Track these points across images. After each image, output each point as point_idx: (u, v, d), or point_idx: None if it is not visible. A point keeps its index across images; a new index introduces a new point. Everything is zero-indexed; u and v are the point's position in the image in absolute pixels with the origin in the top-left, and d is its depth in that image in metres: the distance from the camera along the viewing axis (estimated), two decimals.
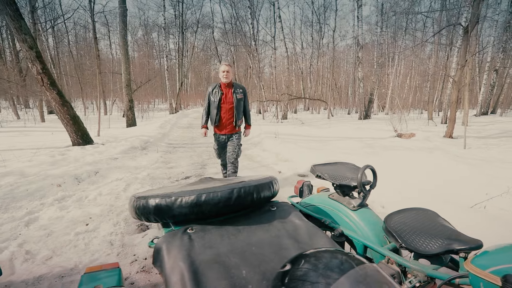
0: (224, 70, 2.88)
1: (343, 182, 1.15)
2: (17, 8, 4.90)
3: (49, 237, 2.08)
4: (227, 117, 3.00)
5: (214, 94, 2.95)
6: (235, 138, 3.09)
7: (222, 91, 2.95)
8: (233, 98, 2.95)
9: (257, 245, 0.76)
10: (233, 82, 2.99)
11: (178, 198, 0.79)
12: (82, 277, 0.75)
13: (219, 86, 2.96)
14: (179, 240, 0.73)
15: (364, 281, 0.41)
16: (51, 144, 5.82)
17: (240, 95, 2.98)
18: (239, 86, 3.02)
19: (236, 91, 2.97)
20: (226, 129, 3.04)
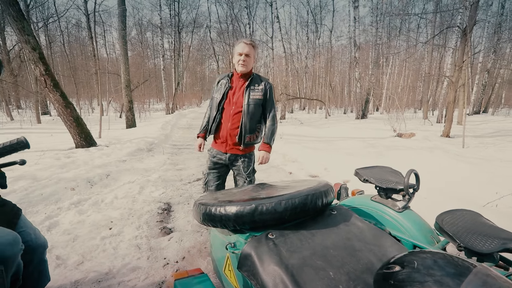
0: (242, 51, 1.74)
1: (389, 186, 1.20)
2: (20, 9, 4.83)
3: (75, 242, 2.09)
4: (230, 126, 1.83)
5: (219, 86, 1.91)
6: (242, 166, 1.90)
7: (231, 84, 1.86)
8: (244, 98, 1.80)
9: (333, 248, 0.80)
10: (254, 74, 1.88)
11: (259, 205, 0.83)
12: (176, 284, 0.78)
13: (229, 76, 1.90)
14: (265, 245, 0.76)
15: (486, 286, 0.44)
16: (53, 146, 5.74)
17: (258, 95, 1.81)
18: (260, 80, 1.87)
19: (254, 87, 1.83)
20: (227, 145, 1.88)
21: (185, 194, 3.20)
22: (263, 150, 1.89)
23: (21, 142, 0.74)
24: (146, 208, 2.76)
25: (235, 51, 1.83)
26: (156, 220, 2.52)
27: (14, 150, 0.74)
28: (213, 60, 29.35)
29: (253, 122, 1.85)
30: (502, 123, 11.83)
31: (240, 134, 1.83)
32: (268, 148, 1.89)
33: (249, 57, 1.78)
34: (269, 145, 1.89)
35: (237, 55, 1.80)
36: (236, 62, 1.83)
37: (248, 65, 1.80)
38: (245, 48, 1.76)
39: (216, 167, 1.98)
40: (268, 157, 1.90)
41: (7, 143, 0.73)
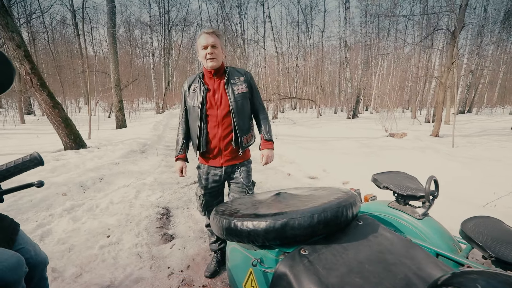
0: (206, 43, 1.46)
1: (409, 193, 1.18)
2: (3, 4, 4.58)
3: (72, 252, 1.98)
4: (221, 132, 1.55)
5: (193, 92, 1.57)
6: (242, 176, 1.62)
7: (207, 86, 1.56)
8: (229, 95, 1.53)
9: (368, 262, 0.77)
10: (227, 67, 1.60)
11: (291, 220, 0.78)
12: None
13: (200, 78, 1.58)
14: (301, 264, 0.72)
15: None
16: (40, 148, 5.49)
17: (241, 88, 1.56)
18: (238, 72, 1.61)
19: (234, 80, 1.56)
20: (222, 156, 1.59)
21: (183, 197, 3.11)
22: (266, 148, 1.63)
23: (35, 159, 0.66)
24: (144, 213, 2.67)
25: (198, 46, 1.52)
26: (155, 226, 2.43)
27: (27, 168, 0.66)
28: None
29: (245, 120, 1.59)
30: (486, 122, 12.26)
31: (236, 138, 1.55)
32: (270, 144, 1.64)
33: (216, 48, 1.48)
34: (271, 141, 1.65)
35: (201, 50, 1.49)
36: (202, 58, 1.51)
37: (218, 58, 1.50)
38: (208, 39, 1.46)
39: (212, 186, 1.67)
40: (272, 155, 1.65)
41: (19, 161, 0.65)
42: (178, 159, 1.66)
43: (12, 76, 0.60)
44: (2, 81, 0.59)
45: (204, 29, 1.52)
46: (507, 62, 19.28)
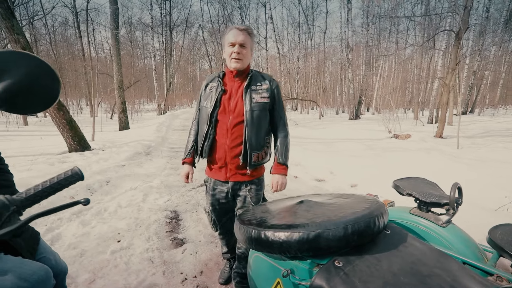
0: (234, 41, 1.30)
1: (433, 200, 1.17)
2: (9, 6, 4.58)
3: (84, 257, 1.96)
4: (229, 143, 1.37)
5: (209, 91, 1.43)
6: (250, 195, 1.45)
7: (225, 87, 1.40)
8: (245, 103, 1.35)
9: (402, 274, 0.75)
10: (253, 70, 1.42)
11: (325, 231, 0.77)
12: None
13: (220, 77, 1.42)
14: (337, 276, 0.70)
15: None
16: (45, 150, 5.49)
17: (262, 97, 1.37)
18: (262, 78, 1.42)
19: (255, 87, 1.38)
20: (227, 170, 1.42)
21: (191, 201, 3.10)
22: (278, 174, 1.41)
23: (76, 174, 0.65)
24: (153, 217, 2.65)
25: (225, 41, 1.35)
26: (165, 231, 2.41)
27: (69, 184, 0.65)
28: (204, 60, 29.10)
29: (260, 135, 1.37)
30: (488, 123, 12.23)
31: (244, 153, 1.35)
32: (284, 170, 1.42)
33: (244, 48, 1.31)
34: (285, 165, 1.43)
35: (228, 47, 1.32)
36: (227, 56, 1.33)
37: (244, 60, 1.33)
38: (238, 36, 1.29)
39: (220, 202, 1.51)
40: (285, 182, 1.44)
41: (61, 176, 0.64)
42: (185, 163, 1.51)
43: (58, 91, 0.59)
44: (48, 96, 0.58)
45: (236, 24, 1.40)
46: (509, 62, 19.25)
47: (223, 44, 1.40)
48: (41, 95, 0.57)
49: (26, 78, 0.54)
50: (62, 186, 0.65)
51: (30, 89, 0.55)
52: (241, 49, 1.31)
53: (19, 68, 0.53)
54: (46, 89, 0.57)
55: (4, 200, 0.54)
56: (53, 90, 0.58)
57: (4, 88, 0.52)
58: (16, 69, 0.53)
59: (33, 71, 0.54)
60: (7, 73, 0.52)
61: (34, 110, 0.59)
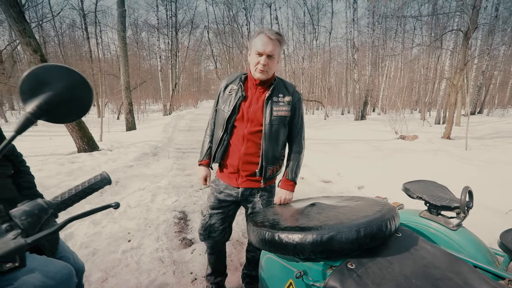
0: (263, 50, 1.21)
1: (443, 203, 1.17)
2: (21, 10, 4.69)
3: (96, 256, 2.01)
4: (244, 151, 1.34)
5: (228, 94, 1.37)
6: (261, 202, 1.41)
7: (246, 93, 1.34)
8: (265, 114, 1.30)
9: (414, 277, 0.76)
10: (276, 78, 1.37)
11: (338, 234, 0.79)
12: None
13: (242, 80, 1.35)
14: (350, 278, 0.72)
15: None
16: (54, 151, 5.59)
17: (283, 110, 1.32)
18: (286, 89, 1.36)
19: (277, 98, 1.32)
20: (239, 176, 1.39)
21: (199, 201, 3.13)
22: (286, 190, 1.38)
23: (105, 178, 0.68)
24: (162, 217, 2.69)
25: (252, 46, 1.25)
26: (174, 231, 2.45)
27: (99, 188, 0.68)
28: (209, 61, 29.24)
29: (276, 149, 1.34)
30: (498, 124, 12.04)
31: (260, 166, 1.32)
32: (292, 186, 1.39)
33: (272, 60, 1.23)
34: (294, 182, 1.40)
35: (255, 55, 1.23)
36: (253, 64, 1.25)
37: (270, 71, 1.26)
38: (268, 46, 1.19)
39: (223, 206, 1.43)
40: (291, 198, 1.40)
41: (91, 181, 0.67)
42: (201, 165, 1.47)
43: (91, 100, 0.62)
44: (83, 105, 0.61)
45: (266, 30, 1.23)
46: None
47: (249, 46, 1.31)
48: (77, 105, 0.60)
49: (65, 90, 0.57)
50: (93, 190, 0.68)
51: (68, 100, 0.58)
52: (268, 60, 1.23)
53: (58, 81, 0.56)
54: (82, 99, 0.60)
55: (43, 204, 0.57)
56: (88, 100, 0.61)
57: (45, 100, 0.55)
58: (56, 82, 0.56)
59: (71, 84, 0.58)
60: (48, 86, 0.56)
61: (70, 119, 0.62)
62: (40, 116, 0.56)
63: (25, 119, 0.53)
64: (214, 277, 1.61)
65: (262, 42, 1.21)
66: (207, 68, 37.28)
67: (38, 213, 0.56)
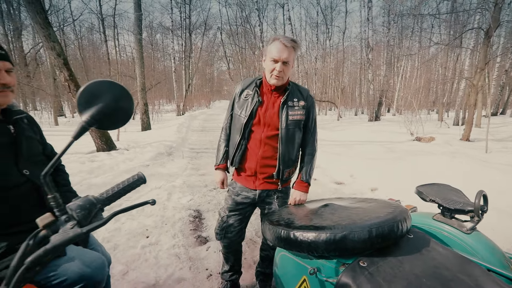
0: (279, 57, 1.25)
1: (457, 207, 1.18)
2: (46, 17, 4.95)
3: (116, 250, 2.12)
4: (261, 154, 1.39)
5: (244, 99, 1.41)
6: (277, 203, 1.47)
7: (262, 98, 1.38)
8: (281, 119, 1.35)
9: (425, 277, 0.79)
10: (291, 83, 1.41)
11: (351, 233, 0.83)
12: None
13: (257, 85, 1.40)
14: (362, 275, 0.76)
15: None
16: (75, 150, 5.85)
17: (298, 114, 1.37)
18: (300, 93, 1.41)
19: (292, 103, 1.37)
20: (256, 179, 1.43)
21: (213, 201, 3.21)
22: (300, 191, 1.42)
23: (141, 178, 0.76)
24: (178, 215, 2.79)
25: (267, 53, 1.30)
26: (189, 229, 2.54)
27: (136, 187, 0.76)
28: (222, 62, 29.53)
29: (293, 152, 1.40)
30: None
31: (278, 169, 1.37)
32: (306, 188, 1.44)
33: (287, 66, 1.27)
34: (308, 183, 1.45)
35: (270, 61, 1.27)
36: (268, 70, 1.29)
37: (285, 77, 1.31)
38: (283, 53, 1.23)
39: (240, 208, 1.48)
40: (304, 199, 1.45)
41: (130, 180, 0.75)
42: (218, 169, 1.52)
43: (132, 109, 0.70)
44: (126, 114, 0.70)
45: (281, 37, 1.26)
46: None
47: (264, 52, 1.35)
48: (122, 114, 0.70)
49: (112, 101, 0.67)
50: (131, 188, 0.75)
51: (115, 110, 0.68)
52: (284, 66, 1.26)
53: (107, 93, 0.66)
54: (125, 109, 0.70)
55: (93, 200, 0.65)
56: (130, 110, 0.71)
57: (97, 111, 0.65)
58: (105, 95, 0.66)
59: (117, 96, 0.67)
60: (99, 98, 0.65)
61: (117, 126, 0.72)
62: (93, 124, 0.65)
63: (81, 127, 0.63)
64: (230, 275, 1.67)
65: (277, 49, 1.25)
66: (220, 69, 37.69)
67: (89, 207, 0.63)
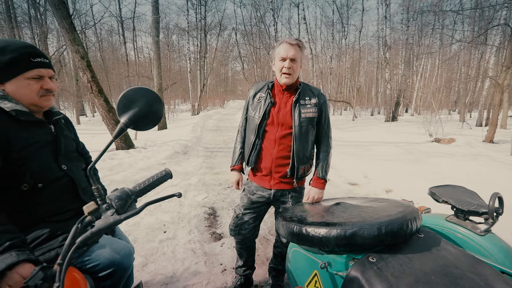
0: (286, 55, 1.33)
1: (471, 208, 1.17)
2: (72, 22, 5.22)
3: (136, 243, 2.23)
4: (276, 154, 1.44)
5: (257, 101, 1.47)
6: (292, 202, 1.51)
7: (274, 99, 1.44)
8: (294, 117, 1.39)
9: (433, 274, 0.81)
10: (301, 83, 1.47)
11: (361, 230, 0.86)
12: None
13: (269, 87, 1.47)
14: (370, 269, 0.79)
15: None
16: (96, 148, 6.12)
17: (310, 111, 1.41)
18: (311, 92, 1.46)
19: (304, 101, 1.42)
20: (271, 178, 1.47)
21: (227, 199, 3.29)
22: (317, 188, 1.45)
23: (168, 174, 0.84)
24: (193, 212, 2.88)
25: (275, 55, 1.39)
26: (204, 225, 2.62)
27: (164, 181, 0.84)
28: (236, 62, 29.75)
29: (307, 149, 1.43)
30: None
31: (292, 166, 1.41)
32: (323, 184, 1.46)
33: (295, 63, 1.34)
34: (324, 180, 1.47)
35: (279, 61, 1.35)
36: (278, 70, 1.37)
37: (294, 74, 1.36)
38: (290, 51, 1.32)
39: (255, 207, 1.54)
40: (321, 196, 1.47)
41: (158, 175, 0.83)
42: (234, 170, 1.58)
43: (162, 112, 0.79)
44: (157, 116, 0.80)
45: (286, 38, 1.37)
46: None
47: (273, 56, 1.44)
48: (154, 116, 0.79)
49: (146, 105, 0.76)
50: (160, 183, 0.83)
51: (148, 113, 0.77)
52: (292, 63, 1.33)
53: (142, 99, 0.76)
54: (157, 112, 0.79)
55: (128, 192, 0.73)
56: (160, 112, 0.80)
57: (134, 114, 0.75)
58: (140, 100, 0.76)
59: (150, 100, 0.77)
60: (135, 103, 0.75)
61: (148, 127, 0.80)
62: (129, 126, 0.74)
63: (120, 128, 0.73)
64: (244, 270, 1.73)
65: (284, 49, 1.34)
66: (234, 69, 37.99)
67: (126, 197, 0.72)
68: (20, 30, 14.45)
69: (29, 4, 14.47)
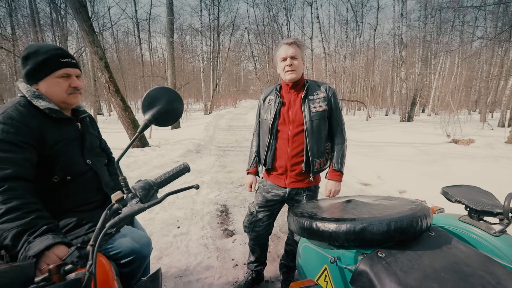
0: (285, 55, 1.40)
1: (485, 208, 1.15)
2: (91, 24, 5.44)
3: (151, 237, 2.29)
4: (290, 152, 1.47)
5: (267, 104, 1.54)
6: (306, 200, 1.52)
7: (283, 99, 1.49)
8: (304, 112, 1.42)
9: (443, 271, 0.81)
10: (308, 80, 1.50)
11: (370, 225, 0.88)
12: None
13: (277, 90, 1.52)
14: (379, 264, 0.81)
15: None
16: (112, 146, 6.34)
17: (320, 105, 1.43)
18: (318, 86, 1.49)
19: (312, 96, 1.45)
20: (287, 177, 1.50)
21: (239, 197, 3.34)
22: (334, 180, 1.49)
23: (186, 167, 0.89)
24: (206, 209, 2.95)
25: (277, 58, 1.46)
26: (217, 222, 2.68)
27: (182, 174, 0.89)
28: (249, 61, 29.86)
29: (320, 143, 1.44)
30: None
31: (307, 161, 1.43)
32: (339, 176, 1.49)
33: (296, 60, 1.40)
34: (341, 172, 1.49)
35: (281, 62, 1.43)
36: (281, 70, 1.44)
37: (297, 70, 1.41)
38: (288, 50, 1.39)
39: (269, 205, 1.57)
40: (339, 189, 1.52)
41: (177, 169, 0.89)
42: (249, 173, 1.63)
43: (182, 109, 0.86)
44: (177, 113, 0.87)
45: (284, 39, 1.44)
46: None
47: (275, 61, 1.51)
48: (174, 113, 0.86)
49: (167, 104, 0.83)
50: (178, 175, 0.88)
51: (169, 110, 0.84)
52: (293, 60, 1.39)
53: (164, 97, 0.83)
54: (177, 109, 0.86)
55: (151, 183, 0.79)
56: (181, 110, 0.88)
57: (157, 111, 0.82)
58: (162, 99, 0.83)
59: (171, 99, 0.84)
60: (158, 101, 0.83)
61: (169, 123, 0.87)
62: (152, 122, 0.81)
63: (144, 124, 0.80)
64: (255, 265, 1.76)
65: (283, 49, 1.42)
66: (246, 69, 38.11)
67: (149, 188, 0.78)
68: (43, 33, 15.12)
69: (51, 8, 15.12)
